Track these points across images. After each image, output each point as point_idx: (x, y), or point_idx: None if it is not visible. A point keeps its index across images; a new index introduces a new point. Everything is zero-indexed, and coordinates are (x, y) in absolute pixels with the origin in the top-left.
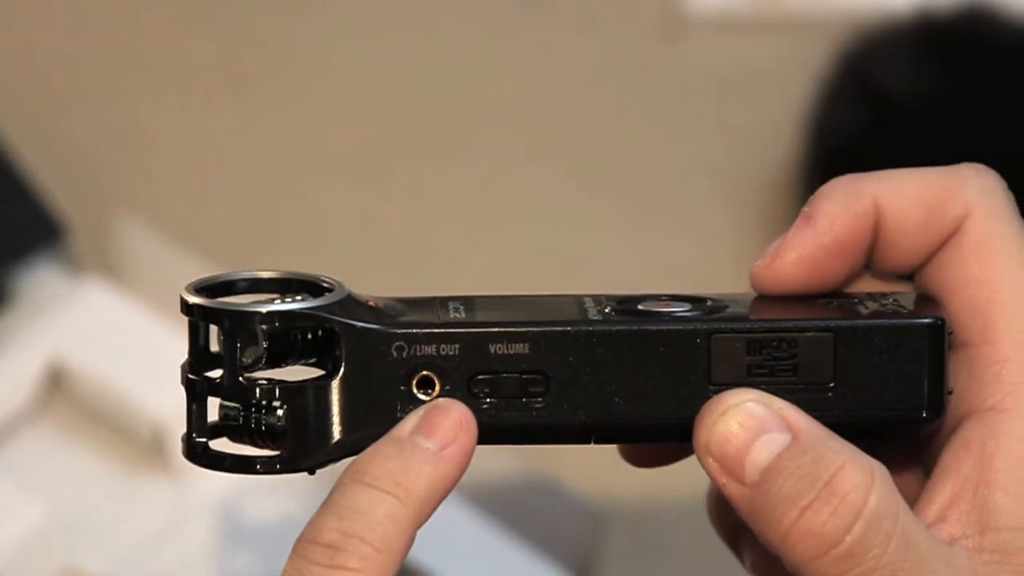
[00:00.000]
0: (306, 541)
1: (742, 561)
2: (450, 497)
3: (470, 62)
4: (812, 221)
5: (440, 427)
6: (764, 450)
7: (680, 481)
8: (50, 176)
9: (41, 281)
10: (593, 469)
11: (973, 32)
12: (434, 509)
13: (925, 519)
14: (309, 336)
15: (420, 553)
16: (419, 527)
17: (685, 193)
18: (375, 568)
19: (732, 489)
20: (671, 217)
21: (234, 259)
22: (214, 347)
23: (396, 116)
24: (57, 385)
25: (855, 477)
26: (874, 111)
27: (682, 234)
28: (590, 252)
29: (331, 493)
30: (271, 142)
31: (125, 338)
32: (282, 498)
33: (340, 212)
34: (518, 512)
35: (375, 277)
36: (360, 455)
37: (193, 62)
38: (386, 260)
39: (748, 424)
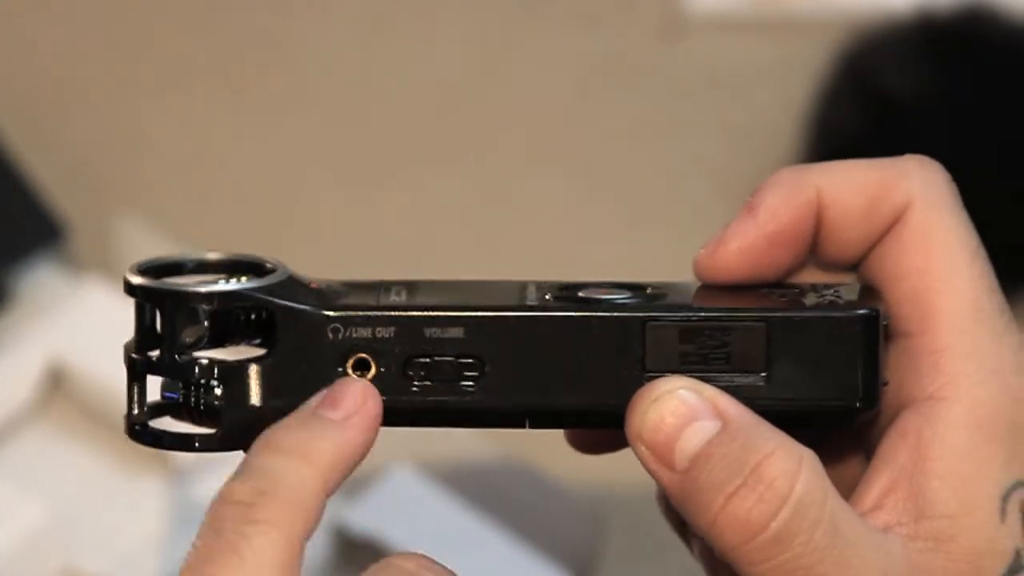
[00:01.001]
0: (220, 501)
1: (691, 550)
2: (450, 497)
3: (470, 61)
4: (754, 211)
5: (343, 399)
6: (694, 437)
7: None
8: (50, 176)
9: (41, 281)
10: (593, 469)
11: (973, 32)
12: (343, 476)
13: (862, 507)
14: (252, 316)
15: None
16: (329, 494)
17: (685, 193)
18: (287, 521)
19: (663, 476)
20: (671, 217)
21: None
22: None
23: (396, 116)
24: (57, 385)
25: (782, 464)
26: (874, 111)
27: (682, 234)
28: (590, 251)
29: (242, 461)
30: (271, 142)
31: (125, 338)
32: None
33: (340, 212)
34: (518, 512)
35: (375, 275)
36: (270, 427)
37: (193, 62)
38: (386, 260)
39: (679, 411)
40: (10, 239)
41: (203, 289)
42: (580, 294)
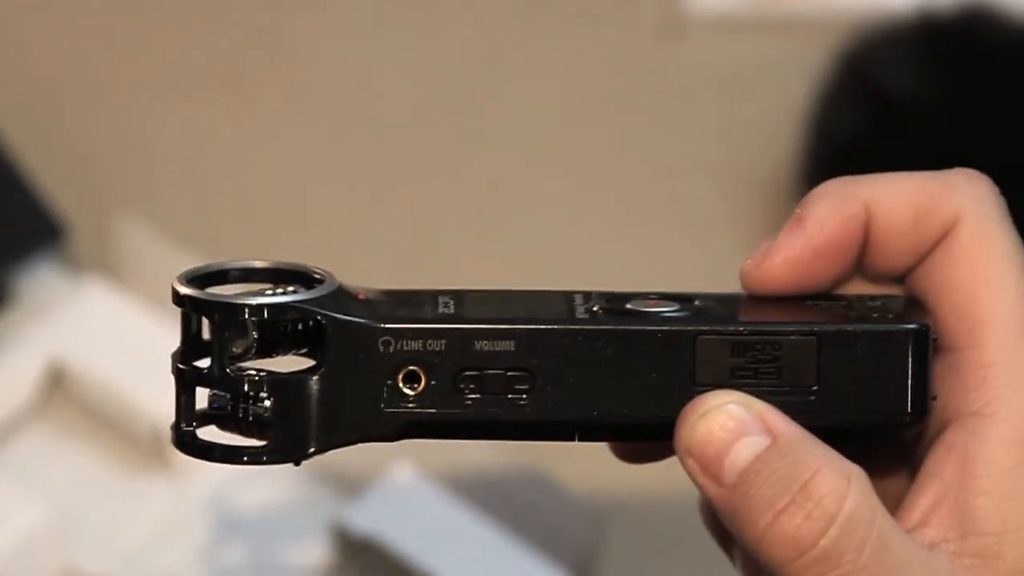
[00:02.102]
0: None
1: (733, 562)
2: (450, 497)
3: (470, 61)
4: (803, 223)
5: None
6: (743, 452)
7: (681, 481)
8: (50, 176)
9: (41, 281)
10: (593, 469)
11: (973, 32)
12: None
13: (907, 523)
14: (300, 327)
15: (420, 553)
16: None
17: (685, 193)
18: None
19: (711, 490)
20: (671, 217)
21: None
22: (207, 336)
23: (396, 116)
24: (57, 385)
25: (831, 482)
26: (874, 111)
27: (682, 234)
28: (590, 251)
29: None
30: (271, 142)
31: (125, 338)
32: (282, 498)
33: (340, 212)
34: (518, 512)
35: (376, 277)
36: None
37: (194, 62)
38: (386, 260)
39: (728, 426)
40: (10, 239)
41: (254, 301)
42: (628, 306)
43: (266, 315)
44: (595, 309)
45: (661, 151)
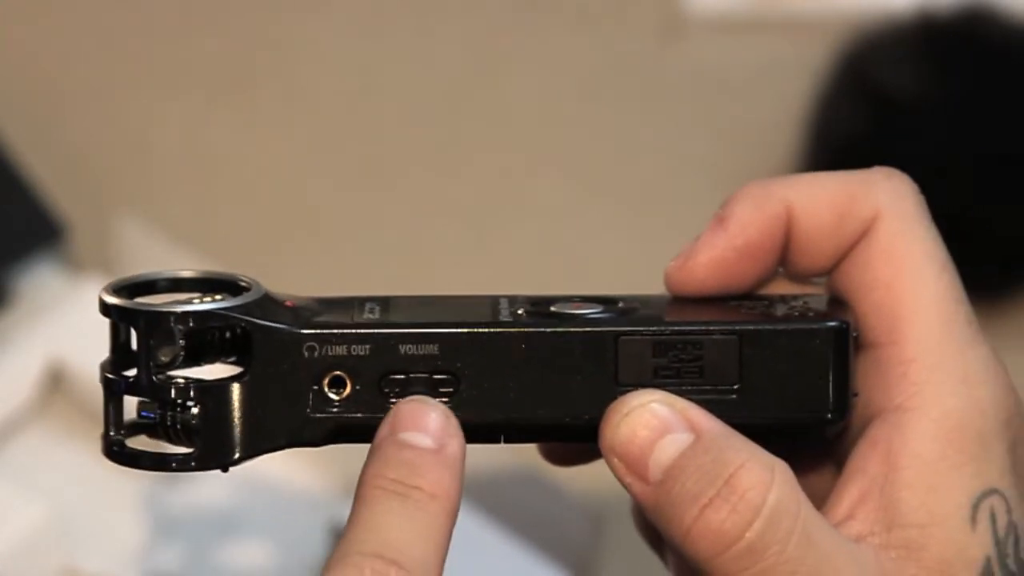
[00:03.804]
0: None
1: (665, 564)
2: None
3: (470, 61)
4: (724, 224)
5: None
6: (667, 449)
7: None
8: (50, 176)
9: (41, 281)
10: (593, 469)
11: (973, 32)
12: None
13: (834, 518)
14: (227, 335)
15: None
16: None
17: (685, 193)
18: None
19: (637, 488)
20: (671, 217)
21: (234, 259)
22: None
23: (396, 116)
24: (57, 385)
25: (755, 475)
26: (874, 111)
27: (682, 234)
28: (589, 251)
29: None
30: (271, 142)
31: None
32: (282, 498)
33: (340, 212)
34: (518, 512)
35: (375, 276)
36: None
37: (193, 62)
38: (386, 259)
39: (652, 424)
40: (10, 239)
41: (178, 309)
42: (552, 308)
43: (191, 323)
44: (519, 312)
45: (661, 151)
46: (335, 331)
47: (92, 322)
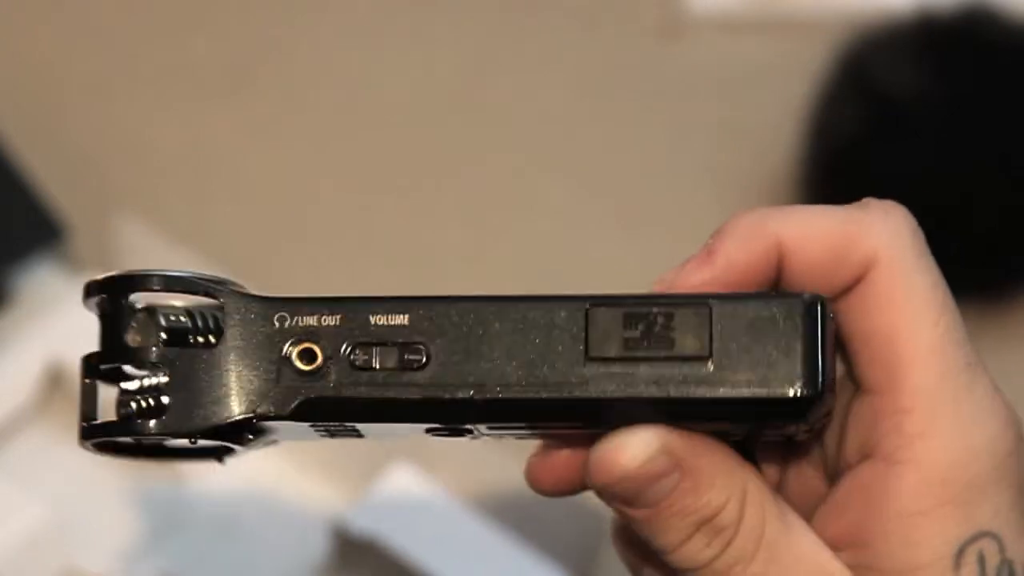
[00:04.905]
0: None
1: None
2: (451, 497)
3: (470, 61)
4: (712, 257)
5: None
6: (656, 483)
7: None
8: (50, 176)
9: (41, 281)
10: None
11: (973, 32)
12: None
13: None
14: (211, 324)
15: (420, 553)
16: None
17: (685, 193)
18: None
19: (628, 514)
20: (671, 217)
21: (233, 259)
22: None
23: (395, 115)
24: (57, 385)
25: (721, 499)
26: (874, 111)
27: (681, 234)
28: (589, 251)
29: None
30: (271, 142)
31: None
32: (282, 498)
33: (340, 212)
34: (519, 513)
35: (375, 276)
36: None
37: (192, 62)
38: (386, 260)
39: (641, 459)
40: (10, 239)
41: (155, 270)
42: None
43: (164, 285)
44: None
45: (661, 151)
46: (306, 299)
47: (92, 322)
